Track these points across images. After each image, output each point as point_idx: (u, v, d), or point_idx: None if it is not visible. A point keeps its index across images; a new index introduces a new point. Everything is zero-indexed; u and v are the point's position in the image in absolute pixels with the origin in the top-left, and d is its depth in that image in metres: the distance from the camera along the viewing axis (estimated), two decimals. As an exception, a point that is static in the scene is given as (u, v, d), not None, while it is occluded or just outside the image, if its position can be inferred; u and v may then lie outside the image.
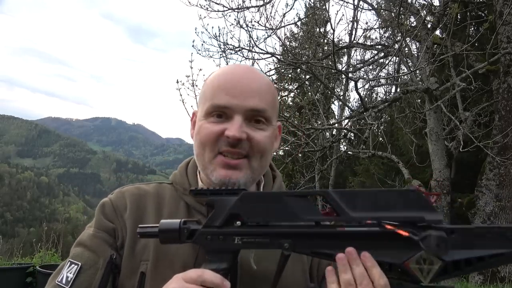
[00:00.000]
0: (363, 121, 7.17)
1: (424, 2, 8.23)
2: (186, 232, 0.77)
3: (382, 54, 8.74)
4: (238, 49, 6.80)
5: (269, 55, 6.84)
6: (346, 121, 8.54)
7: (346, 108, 12.57)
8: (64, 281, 0.91)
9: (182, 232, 0.77)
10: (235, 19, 6.74)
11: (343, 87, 14.80)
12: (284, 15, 6.74)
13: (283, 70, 8.08)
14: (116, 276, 0.93)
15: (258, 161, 0.92)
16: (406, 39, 6.95)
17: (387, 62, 10.16)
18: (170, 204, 0.98)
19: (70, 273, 0.91)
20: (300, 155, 8.33)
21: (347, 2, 6.94)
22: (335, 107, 16.43)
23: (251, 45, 6.64)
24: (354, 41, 8.52)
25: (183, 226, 0.78)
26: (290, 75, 12.41)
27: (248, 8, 6.74)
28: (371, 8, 8.40)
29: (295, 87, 12.57)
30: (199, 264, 0.86)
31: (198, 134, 0.93)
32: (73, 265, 0.92)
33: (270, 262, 0.82)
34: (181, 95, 6.03)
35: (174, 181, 1.03)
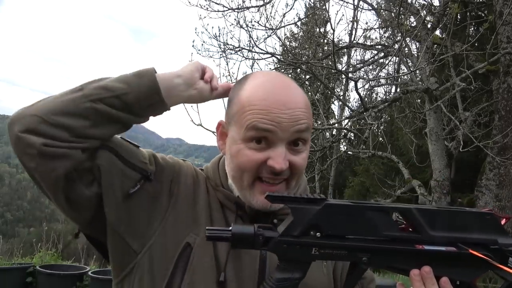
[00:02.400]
0: (363, 121, 7.16)
1: (424, 2, 8.23)
2: (261, 239, 0.74)
3: (382, 54, 8.74)
4: (238, 49, 6.80)
5: (269, 55, 6.84)
6: (346, 121, 8.53)
7: (346, 108, 12.57)
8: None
9: (257, 239, 0.74)
10: (235, 19, 6.74)
11: (343, 87, 14.81)
12: (284, 15, 6.74)
13: (283, 70, 8.08)
14: (145, 184, 0.91)
15: (295, 181, 0.94)
16: (406, 39, 6.94)
17: (387, 62, 10.16)
18: (203, 194, 0.98)
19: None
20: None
21: (347, 2, 6.93)
22: (335, 107, 16.47)
23: (251, 45, 6.64)
24: (354, 41, 8.52)
25: (258, 232, 0.74)
26: (290, 75, 12.41)
27: (248, 8, 6.74)
28: (371, 8, 8.40)
29: (295, 87, 12.55)
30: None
31: (236, 158, 0.90)
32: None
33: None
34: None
35: (207, 175, 1.03)
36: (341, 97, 12.62)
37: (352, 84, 11.17)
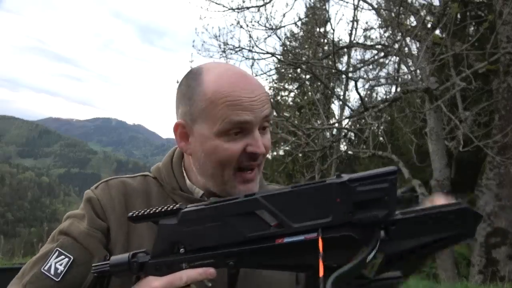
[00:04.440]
0: (363, 120, 7.19)
1: (424, 2, 8.24)
2: (136, 266, 0.76)
3: (382, 54, 8.75)
4: (238, 49, 6.82)
5: (269, 55, 6.86)
6: (346, 120, 8.55)
7: (346, 107, 12.58)
8: (52, 272, 0.86)
9: (132, 266, 0.76)
10: (235, 19, 6.77)
11: (343, 87, 14.82)
12: (284, 15, 6.76)
13: (283, 70, 8.10)
14: (105, 279, 0.90)
15: (262, 166, 0.95)
16: (406, 38, 6.95)
17: (387, 62, 10.17)
18: (158, 202, 0.95)
19: (60, 265, 0.87)
20: (300, 155, 8.34)
21: (347, 2, 6.95)
22: (335, 107, 16.45)
23: (251, 45, 6.66)
24: (354, 41, 8.54)
25: (132, 260, 0.76)
26: (290, 75, 12.43)
27: (248, 8, 6.76)
28: (371, 8, 8.41)
29: (295, 87, 12.59)
30: None
31: (214, 155, 0.89)
32: (62, 256, 0.87)
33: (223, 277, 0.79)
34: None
35: (160, 177, 0.99)
36: (341, 97, 12.63)
37: (352, 83, 11.20)
